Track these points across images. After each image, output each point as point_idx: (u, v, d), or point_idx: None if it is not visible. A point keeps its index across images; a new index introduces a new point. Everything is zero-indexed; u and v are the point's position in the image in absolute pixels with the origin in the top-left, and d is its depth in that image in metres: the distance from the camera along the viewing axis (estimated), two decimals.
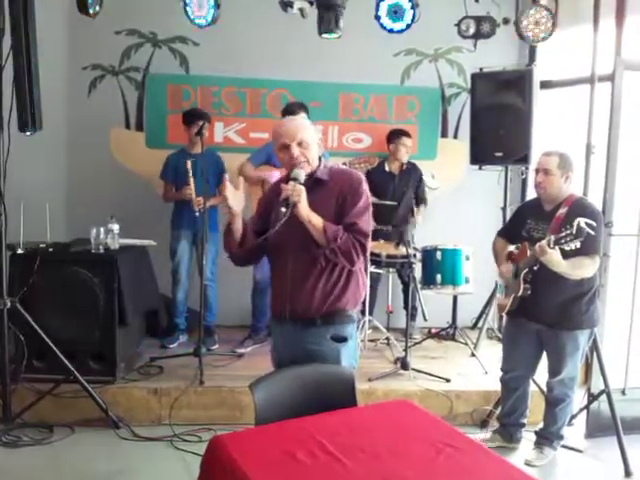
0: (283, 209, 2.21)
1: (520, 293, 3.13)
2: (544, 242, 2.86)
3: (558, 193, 3.11)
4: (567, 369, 3.18)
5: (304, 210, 2.23)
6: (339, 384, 2.26)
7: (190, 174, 4.13)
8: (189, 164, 4.12)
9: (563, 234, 2.78)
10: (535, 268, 3.06)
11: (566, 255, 2.87)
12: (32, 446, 3.29)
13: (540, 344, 3.26)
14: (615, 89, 3.56)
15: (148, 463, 3.21)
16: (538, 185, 3.13)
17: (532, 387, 3.48)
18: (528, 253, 3.06)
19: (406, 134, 4.75)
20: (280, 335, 2.49)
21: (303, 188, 2.25)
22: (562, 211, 3.04)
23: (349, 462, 1.74)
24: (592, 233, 2.74)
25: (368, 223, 2.34)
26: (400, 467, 1.74)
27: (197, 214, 4.17)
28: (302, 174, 2.31)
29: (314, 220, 2.25)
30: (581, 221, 2.72)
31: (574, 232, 2.73)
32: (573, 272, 2.97)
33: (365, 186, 2.39)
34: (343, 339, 2.37)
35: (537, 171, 3.14)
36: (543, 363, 3.35)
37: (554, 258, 2.87)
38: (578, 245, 2.76)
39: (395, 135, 4.77)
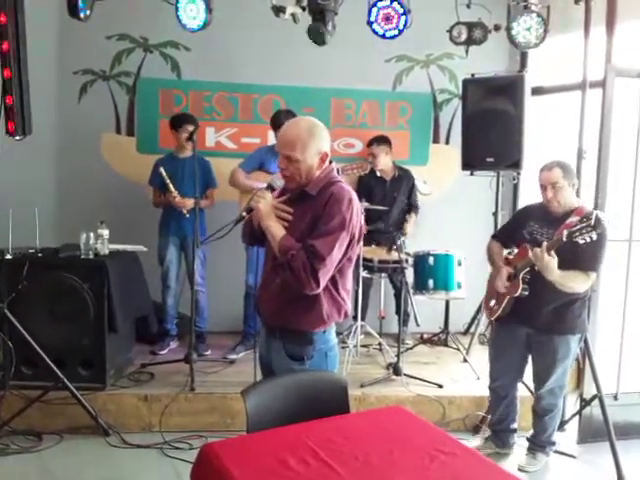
0: (244, 213, 2.29)
1: (517, 294, 3.09)
2: (538, 250, 2.84)
3: (570, 202, 3.06)
4: (556, 375, 3.16)
5: (262, 217, 2.22)
6: (331, 390, 2.24)
7: (167, 180, 4.16)
8: (163, 171, 4.17)
9: (579, 226, 2.73)
10: (536, 268, 2.99)
11: (561, 266, 2.85)
12: (20, 454, 3.25)
13: (528, 350, 3.25)
14: (606, 95, 3.58)
15: (138, 471, 3.18)
16: (550, 201, 3.06)
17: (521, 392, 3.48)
18: (530, 254, 3.00)
19: (372, 142, 4.74)
20: (261, 335, 2.47)
21: (269, 196, 2.25)
22: (573, 219, 2.97)
23: (342, 469, 1.72)
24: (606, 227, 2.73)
25: (329, 248, 2.11)
26: (393, 474, 1.72)
27: (187, 216, 4.17)
28: (278, 182, 2.31)
29: (272, 230, 2.20)
30: (599, 213, 2.69)
31: (592, 223, 2.68)
32: (565, 283, 2.93)
33: (344, 207, 2.16)
34: (299, 358, 2.28)
35: (544, 187, 3.07)
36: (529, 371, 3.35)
37: (551, 265, 2.84)
38: (594, 237, 2.72)
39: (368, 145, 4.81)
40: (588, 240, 2.73)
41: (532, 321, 3.14)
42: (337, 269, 2.22)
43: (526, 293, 3.09)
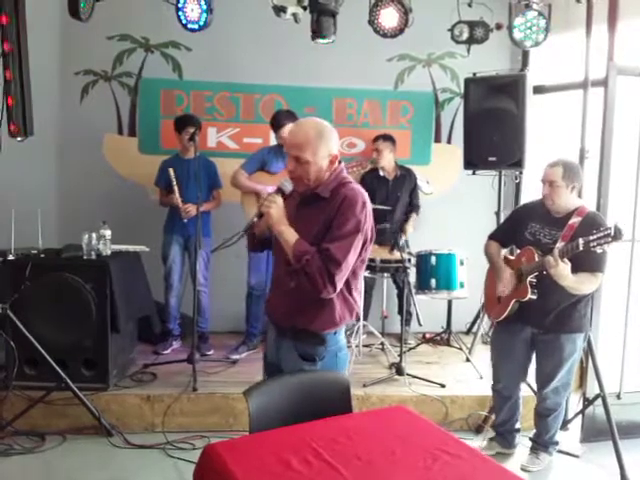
0: (255, 218, 2.26)
1: (526, 299, 3.05)
2: (552, 257, 2.82)
3: (566, 204, 3.05)
4: (561, 374, 3.15)
5: (274, 222, 2.19)
6: (334, 390, 2.24)
7: (174, 182, 4.16)
8: (171, 172, 4.16)
9: (597, 236, 2.69)
10: (545, 272, 2.95)
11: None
12: (23, 454, 3.26)
13: (532, 349, 3.23)
14: (608, 94, 3.58)
15: (141, 471, 3.18)
16: (545, 197, 3.07)
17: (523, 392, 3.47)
18: (536, 257, 2.99)
19: (378, 137, 4.77)
20: (269, 335, 2.46)
21: (279, 200, 2.21)
22: (575, 220, 2.97)
23: (344, 469, 1.72)
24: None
25: (344, 251, 2.10)
26: (396, 474, 1.72)
27: (185, 221, 4.18)
28: (287, 186, 2.27)
29: (285, 235, 2.17)
30: (618, 223, 2.66)
31: (612, 233, 2.64)
32: (577, 286, 2.92)
33: (358, 210, 2.15)
34: (311, 358, 2.26)
35: (543, 182, 3.07)
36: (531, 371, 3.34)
37: (564, 272, 2.82)
38: (613, 246, 2.69)
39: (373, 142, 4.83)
40: (607, 249, 2.71)
41: (539, 321, 3.12)
42: (351, 271, 2.21)
43: (534, 297, 3.05)
